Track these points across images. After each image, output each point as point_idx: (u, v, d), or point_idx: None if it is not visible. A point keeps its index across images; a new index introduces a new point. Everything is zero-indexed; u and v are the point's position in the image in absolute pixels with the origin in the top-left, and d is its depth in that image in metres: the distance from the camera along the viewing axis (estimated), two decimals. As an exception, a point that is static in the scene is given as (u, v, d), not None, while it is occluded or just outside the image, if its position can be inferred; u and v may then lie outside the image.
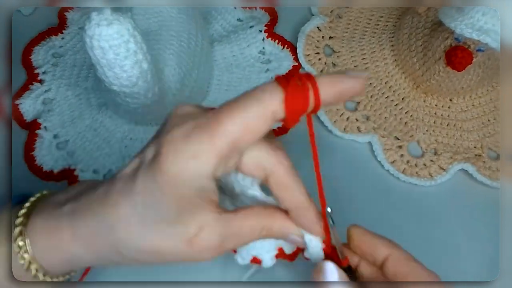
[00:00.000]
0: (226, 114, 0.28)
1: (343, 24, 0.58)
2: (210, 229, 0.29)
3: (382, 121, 0.52)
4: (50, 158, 0.49)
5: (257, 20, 0.57)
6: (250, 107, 0.28)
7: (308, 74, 0.29)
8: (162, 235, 0.29)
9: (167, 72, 0.45)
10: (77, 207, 0.32)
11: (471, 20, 0.44)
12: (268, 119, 0.28)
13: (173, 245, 0.30)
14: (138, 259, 0.31)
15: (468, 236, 0.47)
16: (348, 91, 0.29)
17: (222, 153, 0.28)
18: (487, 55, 0.48)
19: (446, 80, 0.50)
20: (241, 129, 0.28)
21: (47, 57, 0.55)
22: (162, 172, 0.28)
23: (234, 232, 0.31)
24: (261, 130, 0.28)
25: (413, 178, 0.49)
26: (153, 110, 0.45)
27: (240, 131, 0.28)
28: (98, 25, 0.36)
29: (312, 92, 0.28)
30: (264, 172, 0.30)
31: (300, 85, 0.28)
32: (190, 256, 0.30)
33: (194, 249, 0.29)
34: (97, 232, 0.30)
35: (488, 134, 0.52)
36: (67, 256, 0.32)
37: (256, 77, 0.54)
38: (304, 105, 0.28)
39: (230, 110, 0.28)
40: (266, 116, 0.28)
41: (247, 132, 0.28)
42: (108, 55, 0.37)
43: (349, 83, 0.29)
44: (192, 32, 0.48)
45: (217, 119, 0.28)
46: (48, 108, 0.52)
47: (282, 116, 0.28)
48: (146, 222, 0.29)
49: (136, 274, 0.43)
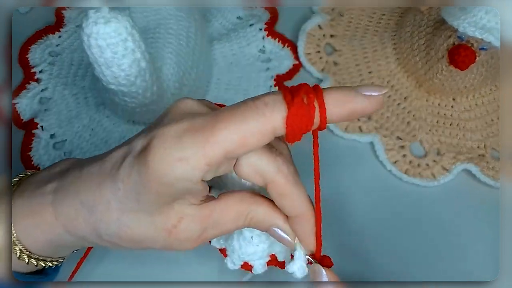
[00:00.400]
0: (224, 122, 0.26)
1: (345, 22, 0.57)
2: (190, 219, 0.29)
3: (384, 121, 0.52)
4: (47, 158, 0.49)
5: (257, 18, 0.57)
6: (249, 120, 0.26)
7: (317, 89, 0.27)
8: (141, 224, 0.29)
9: (166, 71, 0.44)
10: (61, 186, 0.31)
11: (474, 19, 0.44)
12: (267, 135, 0.26)
13: (152, 235, 0.29)
14: (119, 244, 0.31)
15: (471, 236, 0.47)
16: (359, 112, 0.27)
17: (213, 161, 0.26)
18: (490, 53, 0.47)
19: (449, 79, 0.50)
20: (237, 141, 0.26)
21: (44, 55, 0.54)
22: (147, 167, 0.27)
23: (215, 220, 0.30)
24: (257, 145, 0.27)
25: (415, 179, 0.49)
26: (151, 110, 0.45)
27: (235, 143, 0.26)
28: (95, 23, 0.35)
29: (318, 111, 0.26)
30: (263, 180, 0.29)
31: (306, 104, 0.26)
32: (170, 246, 0.30)
33: (173, 239, 0.29)
34: (79, 212, 0.30)
35: (491, 134, 0.52)
36: (50, 236, 0.31)
37: (256, 75, 0.54)
38: (308, 125, 0.26)
39: (229, 119, 0.26)
40: (265, 132, 0.26)
41: (243, 145, 0.26)
42: (106, 54, 0.36)
43: (362, 103, 0.27)
44: (191, 31, 0.47)
45: (213, 126, 0.26)
46: (45, 107, 0.51)
47: (282, 133, 0.27)
48: (126, 209, 0.29)
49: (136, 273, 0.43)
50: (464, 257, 0.46)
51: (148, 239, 0.30)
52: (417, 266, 0.46)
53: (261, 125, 0.26)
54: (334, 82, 0.52)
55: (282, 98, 0.26)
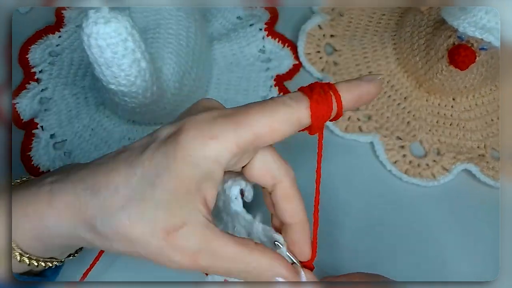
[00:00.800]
0: (256, 109, 0.29)
1: (345, 22, 0.57)
2: (192, 229, 0.28)
3: (384, 121, 0.52)
4: (47, 158, 0.49)
5: (257, 18, 0.57)
6: (278, 110, 0.29)
7: (329, 83, 0.31)
8: (142, 219, 0.27)
9: (166, 71, 0.44)
10: (62, 177, 0.30)
11: (474, 19, 0.44)
12: (293, 124, 0.29)
13: (147, 236, 0.27)
14: (109, 240, 0.29)
15: (471, 236, 0.47)
16: (366, 96, 0.31)
17: (242, 143, 0.28)
18: (490, 53, 0.47)
19: (449, 79, 0.50)
20: (267, 127, 0.29)
21: (44, 55, 0.54)
22: (176, 145, 0.28)
23: (214, 249, 0.28)
24: (284, 134, 0.29)
25: (415, 179, 0.49)
26: (151, 110, 0.45)
27: (265, 128, 0.29)
28: (95, 23, 0.35)
29: (334, 99, 0.30)
30: (273, 180, 0.31)
31: (323, 93, 0.30)
32: (160, 253, 0.28)
33: (168, 244, 0.27)
34: (78, 196, 0.29)
35: (491, 134, 0.51)
36: (39, 231, 0.30)
37: (256, 75, 0.54)
38: (328, 112, 0.30)
39: (259, 108, 0.29)
40: (292, 121, 0.29)
41: (271, 132, 0.29)
42: (106, 54, 0.36)
43: (366, 88, 0.31)
44: (191, 31, 0.47)
45: (245, 111, 0.29)
46: (45, 107, 0.51)
47: (307, 123, 0.30)
48: (134, 197, 0.28)
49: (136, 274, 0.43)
50: (464, 257, 0.46)
51: (141, 241, 0.28)
52: (417, 266, 0.46)
53: (288, 114, 0.29)
54: (334, 82, 0.52)
55: (302, 93, 0.30)
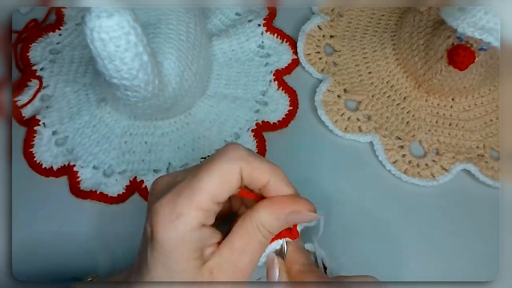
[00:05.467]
0: (204, 170, 0.30)
1: (344, 22, 0.57)
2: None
3: (383, 121, 0.52)
4: (50, 155, 0.50)
5: (255, 14, 0.57)
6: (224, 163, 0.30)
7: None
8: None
9: (167, 65, 0.45)
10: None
11: (473, 19, 0.44)
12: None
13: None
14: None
15: (471, 236, 0.47)
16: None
17: (203, 206, 0.30)
18: (489, 54, 0.48)
19: (448, 79, 0.50)
20: (219, 181, 0.30)
21: (44, 53, 0.55)
22: (159, 243, 0.29)
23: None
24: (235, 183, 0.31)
25: (415, 179, 0.49)
26: (152, 104, 0.45)
27: (217, 184, 0.30)
28: (98, 17, 0.35)
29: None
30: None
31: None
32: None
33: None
34: None
35: (490, 134, 0.52)
36: None
37: (255, 71, 0.54)
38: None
39: (207, 167, 0.30)
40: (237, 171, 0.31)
41: (224, 184, 0.30)
42: (109, 47, 0.36)
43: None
44: (191, 26, 0.48)
45: (196, 176, 0.30)
46: (46, 104, 0.52)
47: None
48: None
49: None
50: (464, 257, 0.46)
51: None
52: (416, 266, 0.46)
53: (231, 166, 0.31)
54: (333, 82, 0.53)
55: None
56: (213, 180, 0.30)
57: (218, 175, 0.30)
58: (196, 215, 0.29)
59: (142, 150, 0.50)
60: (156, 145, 0.50)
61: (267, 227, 0.32)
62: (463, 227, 0.47)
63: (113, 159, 0.49)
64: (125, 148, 0.50)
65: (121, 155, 0.49)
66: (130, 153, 0.50)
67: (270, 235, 0.32)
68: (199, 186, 0.30)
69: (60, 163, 0.49)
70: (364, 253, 0.46)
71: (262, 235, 0.32)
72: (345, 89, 0.53)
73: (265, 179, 0.32)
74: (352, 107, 0.53)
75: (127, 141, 0.50)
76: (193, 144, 0.50)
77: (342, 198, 0.48)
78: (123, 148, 0.50)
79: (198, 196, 0.30)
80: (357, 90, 0.53)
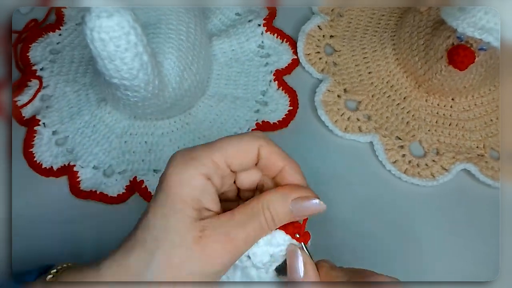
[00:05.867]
0: (225, 137, 0.32)
1: (344, 22, 0.57)
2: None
3: (383, 121, 0.52)
4: (50, 155, 0.50)
5: (255, 14, 0.57)
6: (245, 135, 0.33)
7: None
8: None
9: (167, 65, 0.45)
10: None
11: (473, 19, 0.44)
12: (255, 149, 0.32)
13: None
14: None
15: (471, 236, 0.47)
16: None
17: (217, 161, 0.31)
18: (489, 54, 0.48)
19: (448, 79, 0.50)
20: (237, 148, 0.32)
21: (44, 53, 0.55)
22: (166, 181, 0.30)
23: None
24: (251, 156, 0.32)
25: (415, 179, 0.49)
26: (153, 104, 0.45)
27: (235, 149, 0.32)
28: (98, 17, 0.35)
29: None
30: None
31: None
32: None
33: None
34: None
35: (490, 134, 0.52)
36: None
37: (255, 71, 0.54)
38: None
39: (228, 136, 0.32)
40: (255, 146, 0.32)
41: (241, 152, 0.32)
42: (109, 47, 0.36)
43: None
44: (191, 26, 0.48)
45: (215, 140, 0.32)
46: (46, 104, 0.52)
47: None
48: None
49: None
50: (464, 257, 0.46)
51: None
52: (416, 266, 0.46)
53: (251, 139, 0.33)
54: (333, 82, 0.53)
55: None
56: (232, 144, 0.32)
57: (237, 142, 0.32)
58: (207, 163, 0.31)
59: (142, 150, 0.50)
60: (156, 145, 0.50)
61: (272, 211, 0.31)
62: (463, 227, 0.48)
63: (113, 159, 0.49)
64: (125, 148, 0.50)
65: (121, 155, 0.49)
66: (130, 153, 0.50)
67: (273, 223, 0.32)
68: (217, 145, 0.32)
69: (60, 163, 0.49)
70: (364, 252, 0.46)
71: (265, 217, 0.31)
72: (345, 89, 0.53)
73: (281, 164, 0.33)
74: (352, 107, 0.53)
75: (127, 141, 0.50)
76: (193, 144, 0.49)
77: (342, 198, 0.48)
78: (123, 148, 0.50)
79: (215, 151, 0.31)
80: (357, 90, 0.53)
